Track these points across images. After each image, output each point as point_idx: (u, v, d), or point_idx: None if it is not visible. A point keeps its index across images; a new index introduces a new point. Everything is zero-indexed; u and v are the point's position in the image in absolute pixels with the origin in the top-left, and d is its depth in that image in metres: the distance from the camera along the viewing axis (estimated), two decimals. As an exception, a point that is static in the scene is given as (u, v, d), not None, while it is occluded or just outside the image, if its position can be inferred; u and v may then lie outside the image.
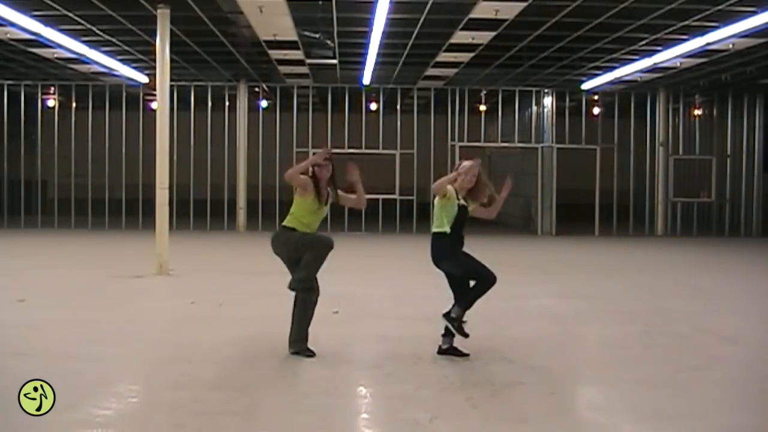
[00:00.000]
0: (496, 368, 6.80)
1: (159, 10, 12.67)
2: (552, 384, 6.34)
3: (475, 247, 7.13)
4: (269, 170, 21.39)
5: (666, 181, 22.53)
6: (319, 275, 7.09)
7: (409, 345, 7.48)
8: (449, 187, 6.96)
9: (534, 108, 22.91)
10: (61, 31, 15.12)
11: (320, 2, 12.86)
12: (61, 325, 8.48)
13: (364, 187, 7.30)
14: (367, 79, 20.78)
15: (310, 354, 6.94)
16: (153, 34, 13.14)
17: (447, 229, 6.94)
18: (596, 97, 23.31)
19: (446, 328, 6.99)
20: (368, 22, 14.12)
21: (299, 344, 6.97)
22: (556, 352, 7.57)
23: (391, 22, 14.02)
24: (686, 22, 13.98)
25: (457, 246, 6.99)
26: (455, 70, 19.62)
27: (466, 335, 6.91)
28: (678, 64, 18.02)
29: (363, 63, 18.59)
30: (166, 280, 12.23)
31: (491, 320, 8.95)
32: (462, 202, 7.05)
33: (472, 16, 13.75)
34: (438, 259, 6.98)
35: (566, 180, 22.66)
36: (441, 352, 7.04)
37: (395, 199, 21.63)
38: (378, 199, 21.68)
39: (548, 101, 22.55)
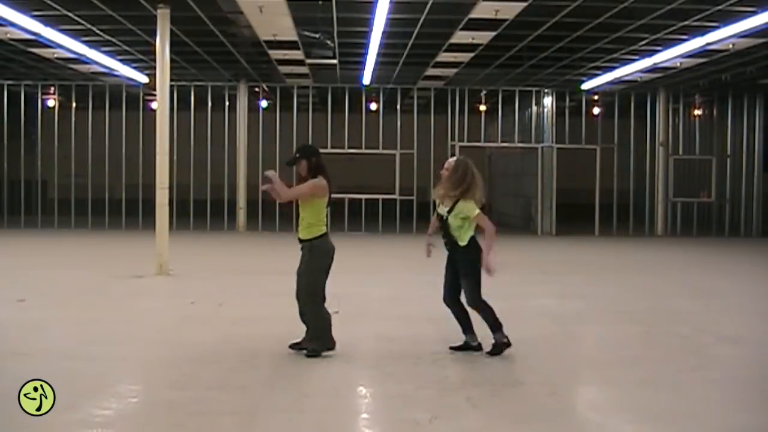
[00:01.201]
0: (496, 368, 6.81)
1: (159, 10, 12.66)
2: (552, 384, 6.34)
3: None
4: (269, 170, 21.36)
5: (666, 181, 22.52)
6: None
7: (409, 345, 7.48)
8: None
9: (534, 108, 22.90)
10: (61, 31, 15.11)
11: (320, 2, 12.86)
12: (61, 325, 8.48)
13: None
14: (367, 79, 20.77)
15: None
16: (153, 34, 13.14)
17: None
18: (596, 97, 23.29)
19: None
20: (368, 22, 14.11)
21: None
22: (556, 352, 7.58)
23: (391, 22, 14.01)
24: (686, 22, 13.97)
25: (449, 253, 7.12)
26: (455, 70, 19.62)
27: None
28: (678, 64, 18.01)
29: (363, 63, 18.58)
30: (166, 280, 12.22)
31: (491, 320, 8.95)
32: (440, 209, 7.12)
33: (472, 16, 13.74)
34: None
35: (566, 180, 22.65)
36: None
37: (395, 199, 21.62)
38: (378, 199, 21.71)
39: (548, 101, 22.53)
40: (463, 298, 7.17)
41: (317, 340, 7.01)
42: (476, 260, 7.02)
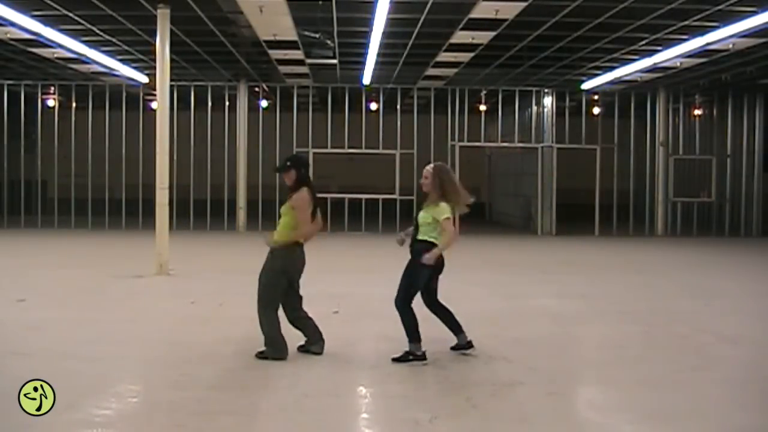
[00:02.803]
0: (496, 368, 6.81)
1: (159, 10, 12.67)
2: (552, 384, 6.34)
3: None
4: (269, 170, 21.38)
5: (666, 181, 22.52)
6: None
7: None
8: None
9: (534, 108, 22.90)
10: (61, 31, 15.11)
11: (320, 2, 12.86)
12: (61, 325, 8.48)
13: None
14: (367, 79, 20.77)
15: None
16: (153, 34, 13.14)
17: None
18: (596, 97, 23.30)
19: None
20: (368, 22, 14.12)
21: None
22: (556, 352, 7.58)
23: (391, 22, 14.01)
24: (686, 22, 13.98)
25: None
26: (455, 70, 19.62)
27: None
28: (678, 64, 18.01)
29: (363, 63, 18.58)
30: (166, 280, 12.22)
31: (491, 320, 8.96)
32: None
33: (472, 16, 13.75)
34: None
35: (566, 180, 22.66)
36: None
37: (395, 199, 21.61)
38: (378, 199, 21.70)
39: (548, 101, 22.54)
40: (440, 299, 7.10)
41: (269, 345, 6.90)
42: (424, 265, 6.83)
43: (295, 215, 6.95)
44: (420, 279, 6.91)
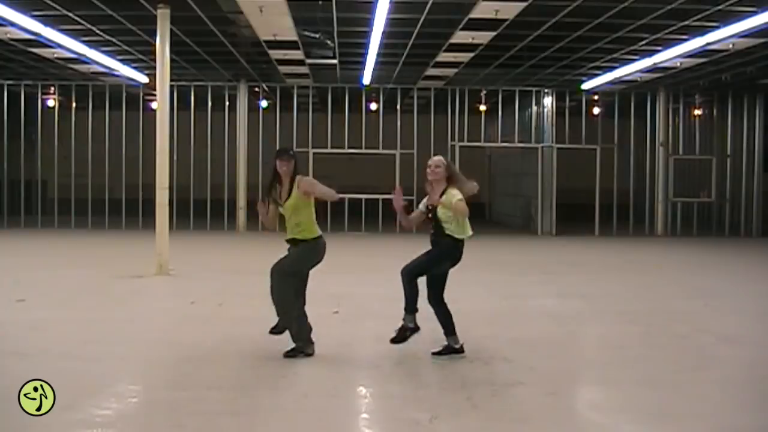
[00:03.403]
0: (496, 368, 6.80)
1: (159, 10, 12.67)
2: (552, 384, 6.34)
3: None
4: (269, 170, 21.35)
5: (666, 181, 22.53)
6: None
7: (409, 345, 7.45)
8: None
9: (534, 108, 22.91)
10: (61, 31, 15.12)
11: (320, 2, 12.86)
12: (61, 325, 8.48)
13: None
14: (367, 79, 20.77)
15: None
16: (153, 34, 13.14)
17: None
18: (596, 97, 23.30)
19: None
20: (368, 22, 14.12)
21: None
22: (556, 352, 7.57)
23: (391, 22, 14.02)
24: (686, 22, 13.99)
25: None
26: (455, 70, 19.63)
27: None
28: (678, 64, 18.02)
29: (363, 63, 18.59)
30: (166, 280, 12.22)
31: (491, 320, 8.96)
32: (422, 205, 7.16)
33: (472, 16, 13.76)
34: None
35: (566, 180, 22.66)
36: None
37: (395, 199, 21.57)
38: (378, 199, 21.70)
39: (548, 101, 22.55)
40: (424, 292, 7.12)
41: (298, 340, 6.90)
42: (448, 256, 6.94)
43: (311, 194, 6.96)
44: (440, 267, 6.99)
